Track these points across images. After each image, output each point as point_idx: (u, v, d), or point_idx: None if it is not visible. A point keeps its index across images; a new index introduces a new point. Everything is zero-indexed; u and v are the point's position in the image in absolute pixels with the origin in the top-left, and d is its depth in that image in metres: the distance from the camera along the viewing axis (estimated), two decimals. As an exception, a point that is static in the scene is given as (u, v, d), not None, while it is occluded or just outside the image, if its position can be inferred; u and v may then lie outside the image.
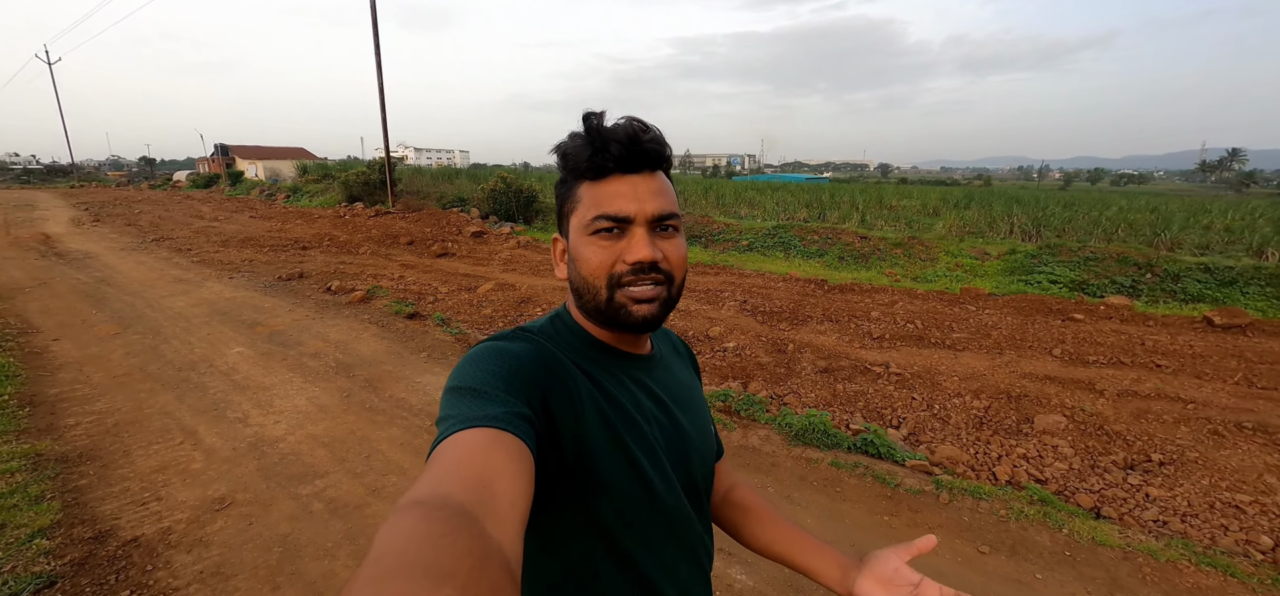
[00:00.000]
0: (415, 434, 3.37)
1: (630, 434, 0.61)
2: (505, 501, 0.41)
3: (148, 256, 9.50)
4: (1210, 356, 4.65)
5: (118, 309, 6.07)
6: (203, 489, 2.74)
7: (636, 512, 0.61)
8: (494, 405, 0.49)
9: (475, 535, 0.34)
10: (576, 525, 0.59)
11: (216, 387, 4.00)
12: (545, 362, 0.57)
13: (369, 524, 2.50)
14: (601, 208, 0.59)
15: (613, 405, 0.61)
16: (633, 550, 0.61)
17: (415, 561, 0.30)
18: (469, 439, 0.45)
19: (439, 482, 0.40)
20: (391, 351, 4.86)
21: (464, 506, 0.37)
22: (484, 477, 0.41)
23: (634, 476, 0.60)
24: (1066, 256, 7.83)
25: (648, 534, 0.62)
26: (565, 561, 0.60)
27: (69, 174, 44.24)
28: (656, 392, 0.67)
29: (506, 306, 6.42)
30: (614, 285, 0.60)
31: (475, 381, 0.52)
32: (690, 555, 0.68)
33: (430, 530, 0.33)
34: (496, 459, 0.44)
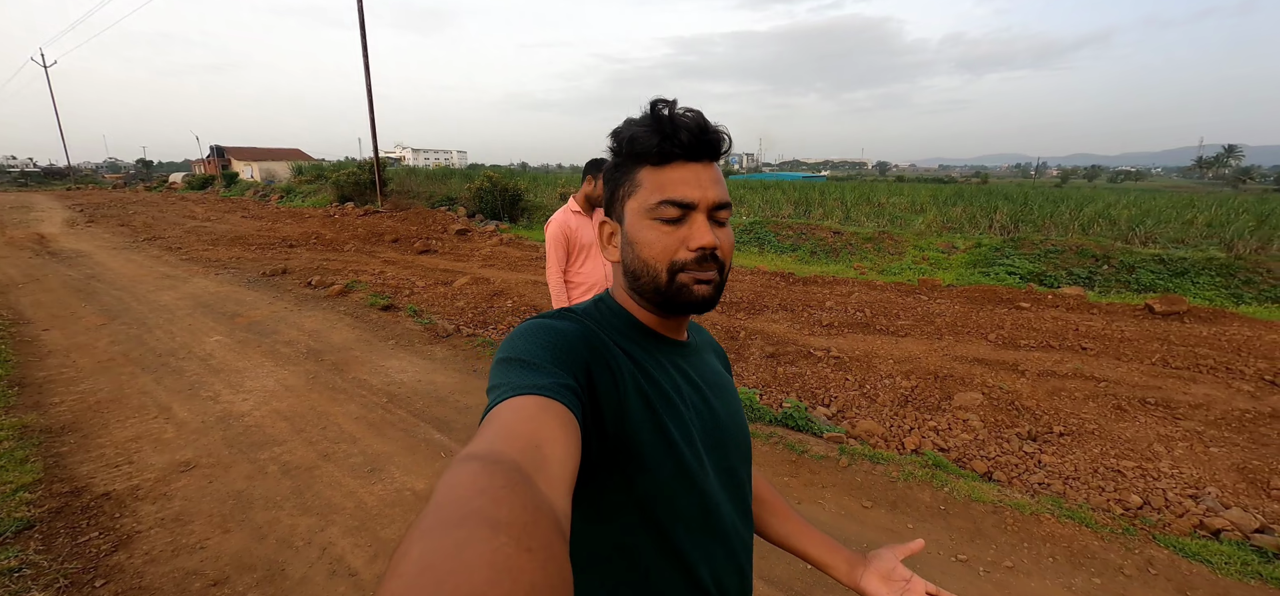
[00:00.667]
0: (371, 409, 3.69)
1: (669, 415, 0.63)
2: (555, 463, 0.42)
3: (138, 254, 9.84)
4: (1136, 340, 4.94)
5: (106, 303, 6.41)
6: (171, 454, 3.06)
7: (673, 493, 0.62)
8: (542, 376, 0.52)
9: (529, 490, 0.36)
10: (618, 500, 0.61)
11: (193, 371, 4.33)
12: (589, 341, 0.59)
13: (316, 481, 2.82)
14: (666, 193, 0.62)
15: (653, 386, 0.63)
16: (672, 531, 0.63)
17: (476, 510, 0.31)
18: (519, 404, 0.47)
19: (493, 441, 0.41)
20: (361, 339, 5.18)
21: (518, 463, 0.39)
22: (535, 440, 0.43)
23: (671, 457, 0.62)
24: (1028, 249, 8.12)
25: (684, 515, 0.64)
26: (608, 534, 0.62)
27: (66, 176, 44.76)
28: (693, 378, 0.69)
29: (479, 299, 6.73)
30: (675, 269, 0.63)
31: (524, 353, 0.55)
32: (724, 542, 0.68)
33: (489, 482, 0.35)
34: (546, 423, 0.45)
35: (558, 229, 2.60)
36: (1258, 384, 4.08)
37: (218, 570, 2.19)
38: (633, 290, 0.67)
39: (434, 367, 4.50)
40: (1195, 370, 4.31)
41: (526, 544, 0.30)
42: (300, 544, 2.36)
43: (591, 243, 2.69)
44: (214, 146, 41.01)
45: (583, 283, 2.70)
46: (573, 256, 2.66)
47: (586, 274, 2.70)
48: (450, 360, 4.70)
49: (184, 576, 2.15)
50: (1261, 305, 6.41)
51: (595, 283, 2.70)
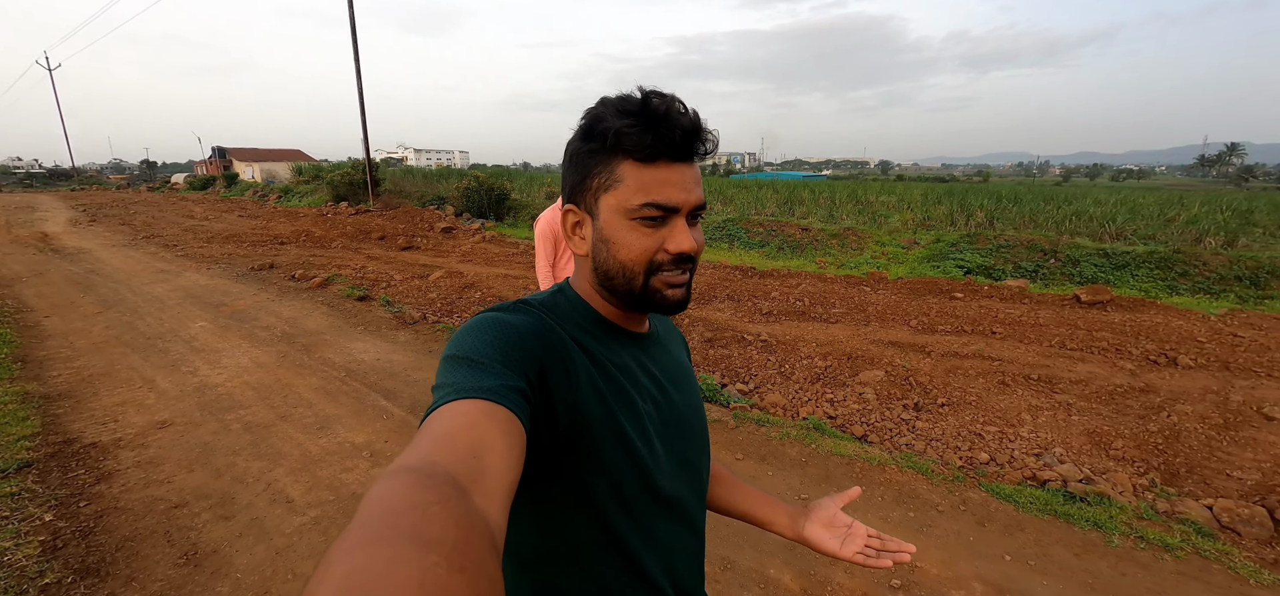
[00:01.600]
0: (329, 381, 4.22)
1: (624, 410, 0.63)
2: (494, 474, 0.41)
3: (136, 251, 10.47)
4: (1047, 326, 5.38)
5: (103, 294, 7.00)
6: (151, 415, 3.60)
7: (626, 488, 0.63)
8: (489, 376, 0.50)
9: (463, 506, 0.35)
10: (567, 499, 0.61)
11: (177, 351, 4.88)
12: (543, 335, 0.58)
13: (271, 435, 3.35)
14: (650, 195, 0.60)
15: (608, 380, 0.63)
16: (620, 526, 0.63)
17: (405, 527, 0.31)
18: (462, 409, 0.46)
19: (430, 451, 0.41)
20: (333, 325, 5.72)
21: (453, 476, 0.38)
22: (474, 449, 0.42)
23: (626, 452, 0.62)
24: (983, 244, 8.55)
25: (636, 510, 0.64)
26: (556, 529, 0.62)
27: (71, 178, 45.94)
28: (652, 371, 0.69)
29: (452, 291, 7.26)
30: (651, 272, 0.62)
31: (472, 351, 0.53)
32: (679, 535, 0.70)
33: (420, 497, 0.34)
34: (488, 431, 0.45)
35: (546, 225, 2.72)
36: (1140, 363, 4.52)
37: (179, 497, 2.72)
38: (602, 287, 0.66)
39: (394, 349, 5.03)
40: (1087, 351, 4.75)
41: (458, 563, 0.30)
42: (250, 480, 2.88)
43: None
44: (215, 147, 41.98)
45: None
46: (560, 252, 2.78)
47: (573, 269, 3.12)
48: (411, 343, 5.22)
49: (151, 501, 2.68)
50: (1193, 296, 6.81)
51: None
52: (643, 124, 0.58)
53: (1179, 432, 3.49)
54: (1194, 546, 2.53)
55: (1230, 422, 3.57)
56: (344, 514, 2.62)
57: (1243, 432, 3.48)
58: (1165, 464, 3.27)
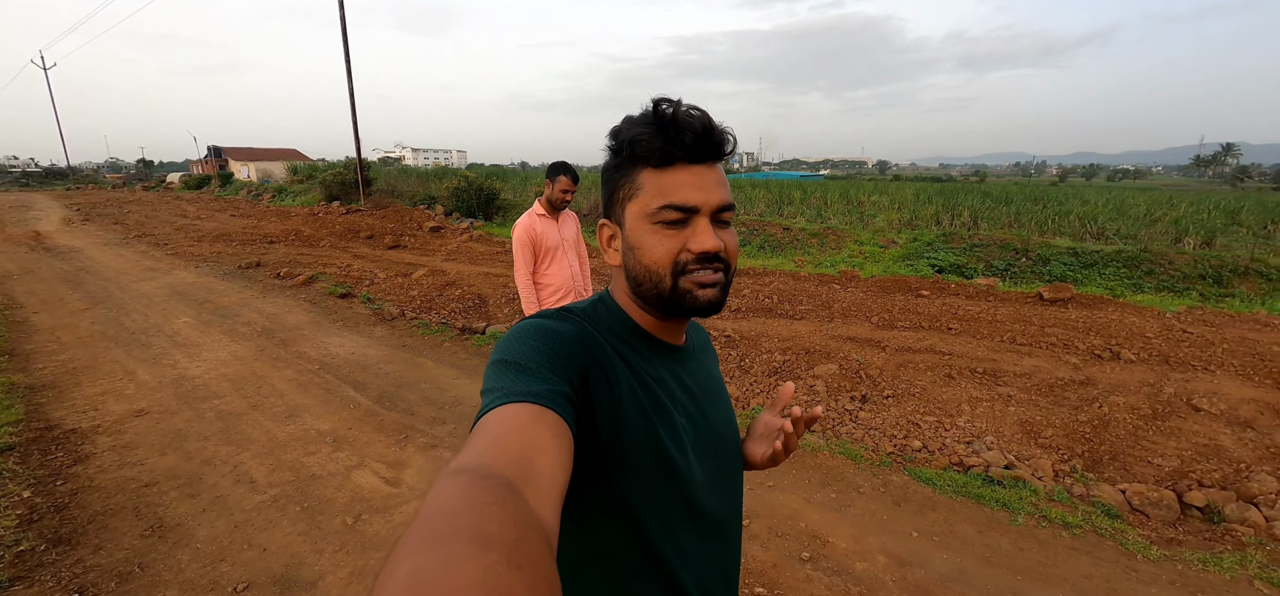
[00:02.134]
0: (303, 373, 4.43)
1: (661, 422, 0.64)
2: (545, 476, 0.43)
3: (127, 250, 10.70)
4: (1002, 322, 5.58)
5: (92, 291, 7.22)
6: (129, 404, 3.82)
7: (661, 500, 0.64)
8: (537, 381, 0.53)
9: (519, 506, 0.36)
10: (604, 505, 0.62)
11: (159, 345, 5.09)
12: (586, 344, 0.60)
13: (242, 423, 3.56)
14: (668, 197, 0.62)
15: (647, 392, 0.64)
16: (655, 536, 0.64)
17: (466, 526, 0.32)
18: (512, 413, 0.48)
19: (484, 453, 0.42)
20: (313, 321, 5.93)
21: (507, 478, 0.39)
22: (526, 452, 0.44)
23: (661, 464, 0.63)
24: (958, 243, 8.75)
25: (672, 524, 0.65)
26: (593, 539, 0.63)
27: (66, 177, 46.20)
28: (688, 384, 0.71)
29: (433, 289, 7.46)
30: (679, 273, 0.63)
31: (520, 356, 0.56)
32: (711, 548, 0.70)
33: (479, 498, 0.35)
34: (538, 434, 0.46)
35: (523, 232, 2.70)
36: (1085, 357, 4.72)
37: (150, 477, 2.93)
38: (635, 295, 0.67)
39: (369, 344, 5.24)
40: (1036, 346, 4.96)
41: (517, 561, 0.31)
42: (218, 463, 3.09)
43: (557, 246, 2.79)
44: (211, 147, 42.23)
45: (550, 285, 2.81)
46: (540, 258, 2.75)
47: (552, 276, 2.80)
48: (387, 338, 5.43)
49: (124, 480, 2.89)
50: (1157, 294, 7.01)
51: (562, 284, 2.82)
52: (654, 130, 0.61)
53: (1108, 422, 3.70)
54: (1093, 525, 2.74)
55: (1159, 413, 3.77)
56: (302, 493, 2.83)
57: (1169, 422, 3.68)
58: (1090, 451, 3.48)
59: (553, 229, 2.78)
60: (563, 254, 2.83)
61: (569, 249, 2.88)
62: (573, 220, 2.97)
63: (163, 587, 2.18)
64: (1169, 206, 14.90)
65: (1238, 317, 5.75)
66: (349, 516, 2.65)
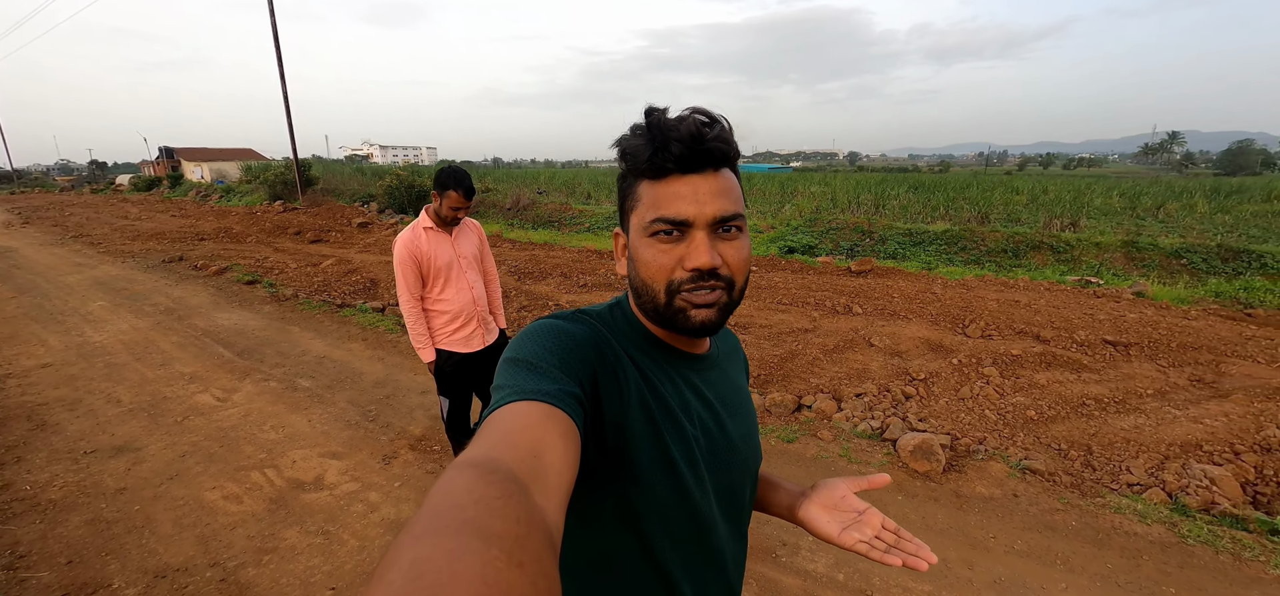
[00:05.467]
0: (187, 338, 5.65)
1: (671, 431, 0.65)
2: (552, 473, 0.45)
3: (61, 249, 11.75)
4: (797, 289, 6.95)
5: (20, 283, 8.34)
6: (38, 360, 5.03)
7: (666, 509, 0.65)
8: (547, 381, 0.55)
9: (524, 502, 0.37)
10: (609, 510, 0.64)
11: (72, 321, 6.28)
12: (598, 347, 0.62)
13: (123, 369, 4.78)
14: (660, 210, 0.61)
15: (657, 400, 0.65)
16: (659, 546, 0.66)
17: (470, 520, 0.33)
18: (522, 410, 0.50)
19: (492, 448, 0.44)
20: (213, 302, 7.14)
21: (515, 473, 0.41)
22: (534, 449, 0.45)
23: (668, 474, 0.65)
24: (819, 227, 10.16)
25: (675, 532, 0.67)
26: (595, 542, 0.66)
27: (11, 180, 46.29)
28: (706, 394, 0.72)
29: (335, 275, 8.67)
30: (673, 291, 0.63)
31: (532, 355, 0.58)
32: (715, 562, 0.72)
33: (483, 491, 0.36)
34: (547, 432, 0.48)
35: (404, 249, 2.35)
36: (826, 312, 6.08)
37: (43, 400, 4.16)
38: (639, 306, 0.68)
39: (255, 317, 6.46)
40: (797, 304, 6.32)
41: (518, 558, 0.32)
42: (96, 392, 4.33)
43: (450, 263, 2.43)
44: (162, 148, 42.69)
45: (445, 310, 2.46)
46: (429, 280, 2.41)
47: (448, 300, 2.45)
48: (272, 314, 6.65)
49: (23, 402, 4.12)
50: (964, 266, 8.43)
51: (460, 309, 2.47)
52: (644, 140, 0.61)
53: (795, 355, 5.05)
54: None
55: (839, 348, 5.13)
56: (152, 407, 4.08)
57: (843, 355, 5.04)
58: (772, 376, 4.81)
59: (445, 245, 2.44)
60: (459, 273, 2.47)
61: (467, 267, 2.53)
62: (473, 231, 2.64)
63: (40, 453, 3.42)
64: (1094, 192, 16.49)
65: (997, 282, 7.19)
66: (180, 417, 3.90)
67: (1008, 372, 4.60)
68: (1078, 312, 5.90)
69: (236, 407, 4.09)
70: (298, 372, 4.75)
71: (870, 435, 3.67)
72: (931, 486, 3.12)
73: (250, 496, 2.99)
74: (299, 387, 4.44)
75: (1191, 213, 13.73)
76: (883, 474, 0.80)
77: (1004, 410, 4.09)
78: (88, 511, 2.86)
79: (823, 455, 3.45)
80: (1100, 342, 5.11)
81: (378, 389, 4.41)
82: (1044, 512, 2.90)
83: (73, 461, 3.35)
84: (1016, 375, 4.56)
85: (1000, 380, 4.48)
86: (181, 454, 3.43)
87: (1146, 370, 4.65)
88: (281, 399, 4.22)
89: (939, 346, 5.08)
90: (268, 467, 3.27)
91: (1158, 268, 7.84)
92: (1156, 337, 5.21)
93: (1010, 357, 4.80)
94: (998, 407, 4.13)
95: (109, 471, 3.24)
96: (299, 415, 3.95)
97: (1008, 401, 4.19)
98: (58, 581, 2.38)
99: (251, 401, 4.20)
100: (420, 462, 3.35)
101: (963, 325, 5.60)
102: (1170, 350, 4.98)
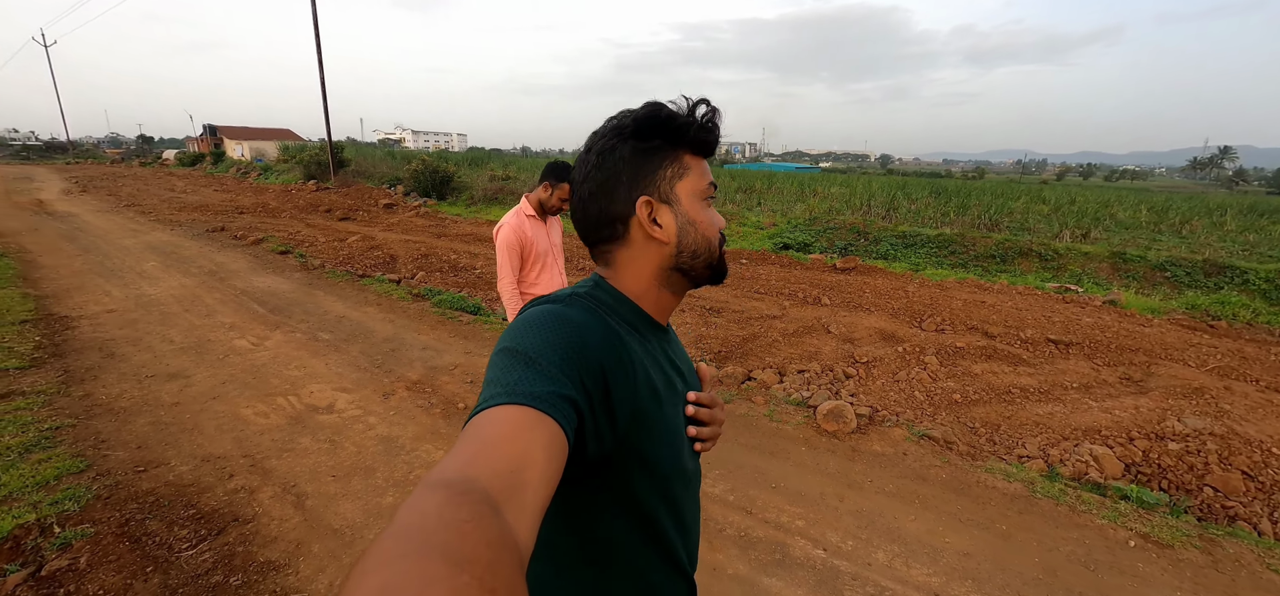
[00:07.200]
0: (227, 296, 6.57)
1: (669, 401, 0.72)
2: (530, 490, 0.45)
3: (117, 217, 13.03)
4: (781, 280, 7.52)
5: (84, 244, 9.49)
6: (103, 306, 5.98)
7: (670, 479, 0.71)
8: (542, 381, 0.54)
9: (495, 526, 0.38)
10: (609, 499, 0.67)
11: (130, 278, 7.28)
12: (606, 335, 0.64)
13: (172, 316, 5.69)
14: (709, 177, 0.76)
15: (659, 373, 0.71)
16: (659, 518, 0.71)
17: (438, 544, 0.34)
18: (509, 417, 0.50)
19: (469, 463, 0.45)
20: (250, 267, 8.09)
21: (488, 493, 0.42)
22: (514, 464, 0.46)
23: (672, 446, 0.71)
24: (818, 226, 10.64)
25: (671, 494, 0.72)
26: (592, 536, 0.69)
27: (66, 151, 49.52)
28: (678, 364, 0.80)
29: (358, 250, 9.58)
30: (721, 244, 0.77)
31: (530, 348, 0.58)
32: (693, 510, 0.81)
33: (454, 515, 0.37)
34: (530, 446, 0.48)
35: (511, 234, 2.51)
36: (798, 302, 6.65)
37: (109, 337, 5.07)
38: (680, 269, 0.75)
39: (285, 282, 7.37)
40: (774, 295, 6.89)
41: (489, 584, 0.33)
42: (152, 334, 5.22)
43: (547, 252, 2.62)
44: (206, 125, 45.11)
45: (537, 296, 3.04)
46: (527, 264, 2.57)
47: (542, 285, 2.63)
48: (301, 280, 7.55)
49: (94, 337, 5.03)
50: (951, 269, 8.85)
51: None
52: (702, 125, 0.73)
53: (757, 337, 5.65)
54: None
55: (799, 333, 5.71)
56: (198, 346, 4.94)
57: (801, 339, 5.62)
58: (731, 353, 5.43)
59: (542, 233, 2.62)
60: (552, 260, 2.68)
61: (558, 255, 2.76)
62: (559, 225, 2.85)
63: (111, 375, 4.29)
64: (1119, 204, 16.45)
65: (974, 285, 7.63)
66: (221, 356, 4.75)
67: (947, 362, 5.13)
68: (1037, 314, 6.34)
69: (267, 351, 4.92)
70: (319, 327, 5.58)
71: (797, 403, 4.27)
72: (834, 442, 3.73)
73: (275, 413, 3.79)
74: (320, 339, 5.26)
75: (1218, 229, 13.68)
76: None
77: (933, 392, 4.63)
78: (149, 417, 3.69)
79: (749, 414, 4.08)
80: (1044, 340, 5.58)
81: (386, 343, 5.20)
82: (924, 468, 3.48)
83: (137, 382, 4.21)
84: (955, 364, 5.09)
85: (937, 367, 5.01)
86: (222, 382, 4.25)
87: (1080, 367, 5.12)
88: (304, 347, 5.04)
89: (891, 336, 5.62)
90: (290, 395, 4.07)
91: (1141, 279, 8.14)
92: (1102, 340, 5.65)
93: (954, 349, 5.32)
94: (927, 390, 4.67)
95: (165, 390, 4.08)
96: (318, 359, 4.75)
97: (938, 385, 4.73)
98: (129, 459, 3.19)
99: (279, 347, 5.03)
100: (413, 400, 4.10)
101: (920, 320, 6.12)
102: (1110, 351, 5.42)
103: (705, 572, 2.51)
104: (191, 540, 2.53)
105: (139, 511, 2.71)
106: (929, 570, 2.62)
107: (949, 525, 2.96)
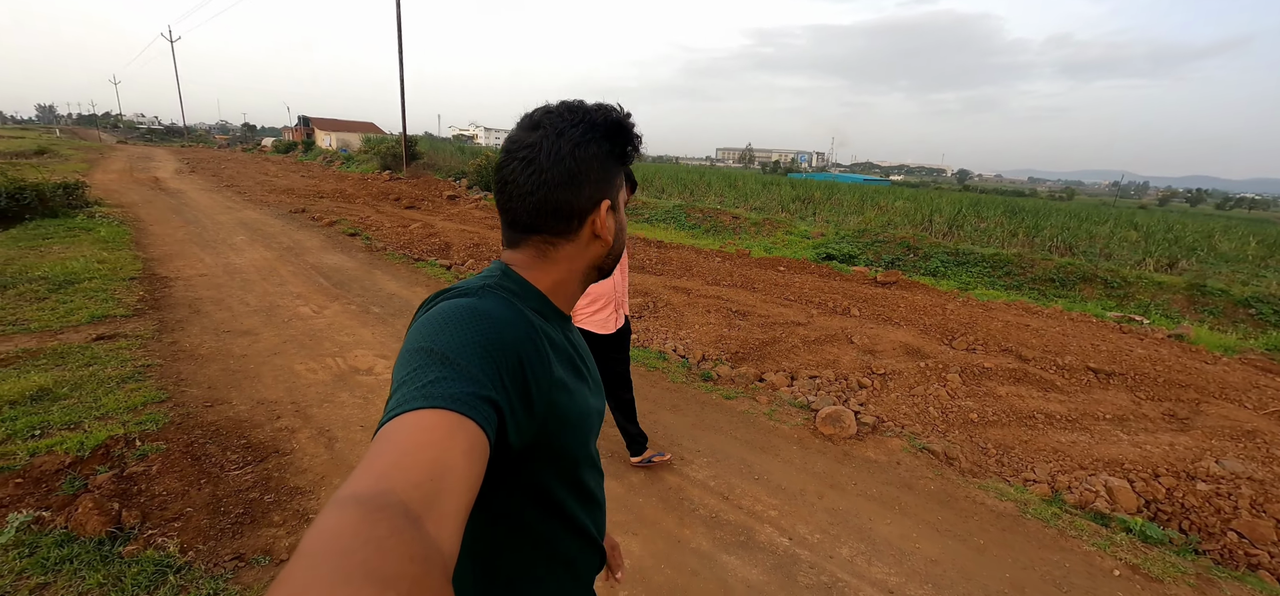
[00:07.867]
0: (300, 269, 7.35)
1: (580, 381, 0.75)
2: (451, 497, 0.43)
3: (217, 195, 14.62)
4: (811, 291, 7.54)
5: (187, 217, 10.79)
6: (198, 271, 6.88)
7: (579, 459, 0.74)
8: (459, 381, 0.52)
9: (417, 538, 0.37)
10: (522, 487, 0.69)
11: (221, 249, 8.27)
12: (521, 327, 0.63)
13: (254, 284, 6.47)
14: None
15: (568, 361, 0.73)
16: (572, 499, 0.75)
17: (358, 564, 0.32)
18: (425, 422, 0.48)
19: (382, 476, 0.42)
20: (322, 246, 8.96)
21: (406, 504, 0.40)
22: (433, 471, 0.44)
23: (583, 422, 0.73)
24: (866, 239, 10.48)
25: (580, 475, 0.76)
26: (506, 525, 0.71)
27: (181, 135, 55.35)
28: (580, 350, 0.82)
29: (417, 236, 10.35)
30: None
31: (446, 346, 0.55)
32: (598, 484, 0.85)
33: (372, 531, 0.35)
34: (449, 451, 0.46)
35: None
36: (826, 311, 6.66)
37: (198, 296, 5.86)
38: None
39: (350, 260, 8.13)
40: (803, 303, 6.94)
41: None
42: (233, 295, 5.99)
43: None
44: (301, 116, 49.12)
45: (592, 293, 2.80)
46: None
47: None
48: (364, 260, 8.30)
49: (187, 297, 5.84)
50: (1004, 290, 8.52)
51: (604, 294, 2.84)
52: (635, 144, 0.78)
53: (778, 341, 5.76)
54: (683, 377, 4.93)
55: (820, 341, 5.77)
56: (269, 310, 5.62)
57: (821, 347, 5.67)
58: (748, 354, 5.57)
59: None
60: None
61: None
62: None
63: (195, 327, 5.00)
64: (1206, 234, 15.12)
65: (1022, 307, 7.36)
66: (286, 319, 5.40)
67: (970, 381, 5.06)
68: (1083, 342, 6.07)
69: (325, 319, 5.54)
70: (372, 302, 6.19)
71: (800, 406, 4.39)
72: (829, 445, 3.83)
73: (323, 370, 4.32)
74: (371, 312, 5.85)
75: (1339, 267, 12.29)
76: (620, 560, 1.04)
77: (949, 409, 4.61)
78: (221, 364, 4.31)
79: (749, 411, 4.24)
80: (1083, 368, 5.37)
81: (426, 321, 5.72)
82: (913, 478, 3.53)
83: (215, 336, 4.89)
84: (979, 384, 5.01)
85: (958, 385, 4.95)
86: (284, 341, 4.86)
87: (1119, 398, 4.91)
88: (356, 317, 5.63)
89: (915, 351, 5.58)
90: (338, 356, 4.61)
91: (1219, 314, 7.54)
92: (1150, 373, 5.37)
93: (981, 369, 5.23)
94: (943, 407, 4.65)
95: (237, 344, 4.73)
96: (367, 329, 5.31)
97: (956, 403, 4.69)
98: (201, 396, 3.78)
99: (336, 316, 5.64)
100: (441, 371, 4.55)
101: (952, 338, 6.01)
102: (1156, 385, 5.15)
103: (668, 543, 2.74)
104: (239, 463, 3.03)
105: (202, 436, 3.25)
106: (890, 570, 2.72)
107: (924, 532, 3.02)
